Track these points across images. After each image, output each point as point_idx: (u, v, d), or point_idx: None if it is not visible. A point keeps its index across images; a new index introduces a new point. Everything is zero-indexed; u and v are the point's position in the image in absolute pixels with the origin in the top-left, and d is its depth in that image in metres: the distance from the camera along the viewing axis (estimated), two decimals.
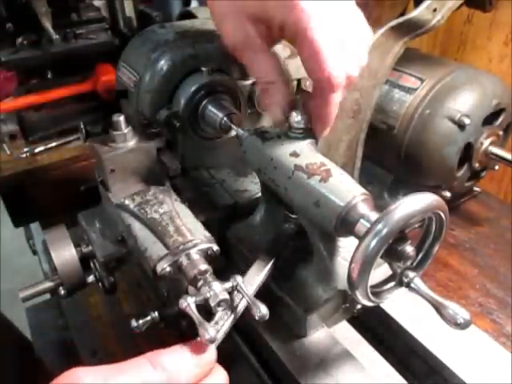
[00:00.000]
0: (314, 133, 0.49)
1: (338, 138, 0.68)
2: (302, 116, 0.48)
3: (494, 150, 0.81)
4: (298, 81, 0.69)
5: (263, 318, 0.40)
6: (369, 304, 0.41)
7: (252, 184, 0.65)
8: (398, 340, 0.54)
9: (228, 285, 0.42)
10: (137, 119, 0.62)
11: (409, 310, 0.53)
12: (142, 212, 0.54)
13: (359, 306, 0.53)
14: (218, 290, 0.41)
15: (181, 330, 0.51)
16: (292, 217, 0.55)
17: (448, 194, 0.82)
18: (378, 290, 0.42)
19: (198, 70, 0.60)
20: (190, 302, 0.39)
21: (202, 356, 0.36)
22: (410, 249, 0.39)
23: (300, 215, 0.49)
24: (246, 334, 0.57)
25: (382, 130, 0.82)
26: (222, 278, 0.43)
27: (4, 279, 1.91)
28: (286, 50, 0.66)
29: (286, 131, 0.49)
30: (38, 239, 1.05)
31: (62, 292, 0.57)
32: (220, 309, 0.41)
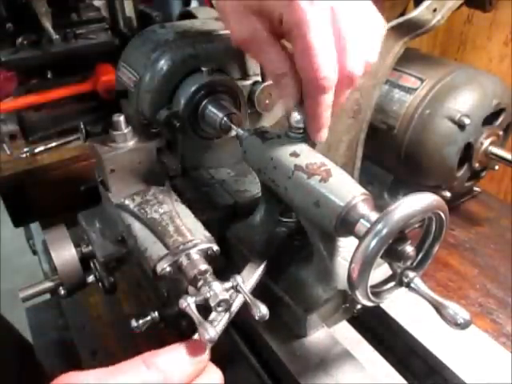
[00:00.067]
0: (308, 134, 0.49)
1: (338, 138, 0.68)
2: (302, 116, 0.48)
3: (494, 150, 0.81)
4: None
5: (263, 318, 0.40)
6: (369, 304, 0.41)
7: (252, 184, 0.65)
8: (398, 340, 0.54)
9: (228, 285, 0.42)
10: (137, 119, 0.62)
11: (409, 310, 0.53)
12: (142, 212, 0.54)
13: (359, 306, 0.53)
14: (218, 290, 0.41)
15: (181, 330, 0.51)
16: (284, 220, 0.55)
17: (448, 194, 0.82)
18: (378, 290, 0.42)
19: (197, 70, 0.60)
20: (190, 301, 0.39)
21: (195, 355, 0.36)
22: (409, 249, 0.39)
23: (300, 215, 0.49)
24: (246, 333, 0.57)
25: (382, 130, 0.82)
26: (222, 278, 0.43)
27: (4, 279, 1.91)
28: None
29: (285, 131, 0.49)
30: (37, 239, 1.05)
31: (62, 292, 0.57)
32: (220, 309, 0.41)
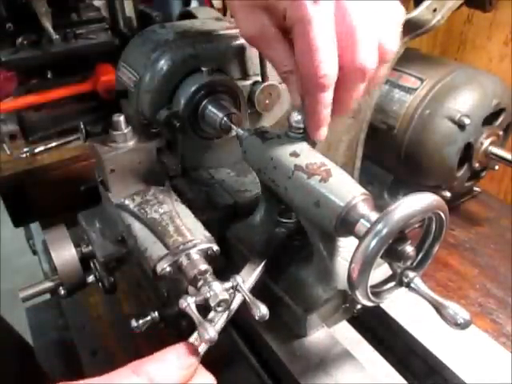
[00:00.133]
0: (307, 133, 0.48)
1: (338, 137, 0.68)
2: (302, 116, 0.48)
3: (494, 150, 0.81)
4: None
5: (263, 318, 0.40)
6: (369, 304, 0.41)
7: (252, 184, 0.65)
8: (398, 340, 0.54)
9: (228, 285, 0.42)
10: (137, 119, 0.62)
11: (409, 310, 0.53)
12: (142, 212, 0.54)
13: (359, 306, 0.53)
14: (218, 290, 0.41)
15: (181, 330, 0.51)
16: (283, 221, 0.55)
17: (448, 194, 0.82)
18: (378, 290, 0.42)
19: (197, 70, 0.60)
20: (190, 301, 0.39)
21: (184, 358, 0.36)
22: (410, 249, 0.39)
23: (300, 215, 0.49)
24: (246, 333, 0.57)
25: (382, 130, 0.82)
26: (222, 278, 0.43)
27: (4, 279, 1.91)
28: None
29: (285, 131, 0.49)
30: (37, 239, 1.05)
31: (62, 292, 0.57)
32: (220, 309, 0.41)
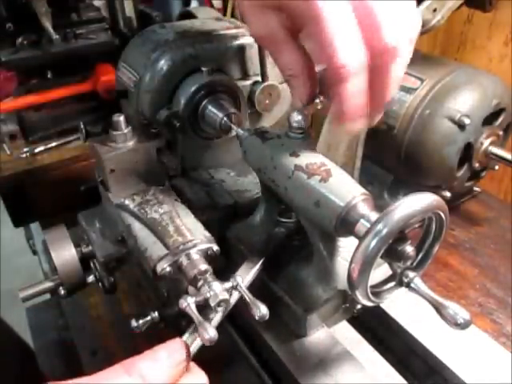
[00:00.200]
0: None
1: (338, 138, 0.68)
2: (302, 116, 0.48)
3: (494, 150, 0.81)
4: None
5: (263, 318, 0.40)
6: (369, 304, 0.41)
7: (252, 184, 0.65)
8: (398, 340, 0.54)
9: (228, 285, 0.42)
10: (137, 119, 0.62)
11: (409, 310, 0.53)
12: (142, 212, 0.54)
13: (359, 306, 0.53)
14: (218, 290, 0.41)
15: (181, 330, 0.51)
16: (283, 221, 0.55)
17: (448, 194, 0.82)
18: (378, 290, 0.42)
19: (197, 70, 0.60)
20: (190, 301, 0.39)
21: (174, 355, 0.36)
22: (410, 249, 0.39)
23: (300, 215, 0.49)
24: (246, 333, 0.57)
25: (382, 130, 0.82)
26: (222, 278, 0.43)
27: (4, 279, 1.91)
28: None
29: (285, 131, 0.49)
30: (37, 239, 1.05)
31: (62, 292, 0.57)
32: (220, 309, 0.41)
